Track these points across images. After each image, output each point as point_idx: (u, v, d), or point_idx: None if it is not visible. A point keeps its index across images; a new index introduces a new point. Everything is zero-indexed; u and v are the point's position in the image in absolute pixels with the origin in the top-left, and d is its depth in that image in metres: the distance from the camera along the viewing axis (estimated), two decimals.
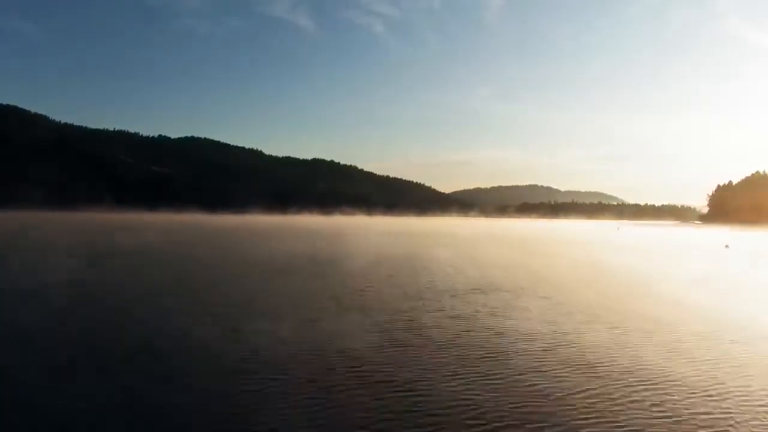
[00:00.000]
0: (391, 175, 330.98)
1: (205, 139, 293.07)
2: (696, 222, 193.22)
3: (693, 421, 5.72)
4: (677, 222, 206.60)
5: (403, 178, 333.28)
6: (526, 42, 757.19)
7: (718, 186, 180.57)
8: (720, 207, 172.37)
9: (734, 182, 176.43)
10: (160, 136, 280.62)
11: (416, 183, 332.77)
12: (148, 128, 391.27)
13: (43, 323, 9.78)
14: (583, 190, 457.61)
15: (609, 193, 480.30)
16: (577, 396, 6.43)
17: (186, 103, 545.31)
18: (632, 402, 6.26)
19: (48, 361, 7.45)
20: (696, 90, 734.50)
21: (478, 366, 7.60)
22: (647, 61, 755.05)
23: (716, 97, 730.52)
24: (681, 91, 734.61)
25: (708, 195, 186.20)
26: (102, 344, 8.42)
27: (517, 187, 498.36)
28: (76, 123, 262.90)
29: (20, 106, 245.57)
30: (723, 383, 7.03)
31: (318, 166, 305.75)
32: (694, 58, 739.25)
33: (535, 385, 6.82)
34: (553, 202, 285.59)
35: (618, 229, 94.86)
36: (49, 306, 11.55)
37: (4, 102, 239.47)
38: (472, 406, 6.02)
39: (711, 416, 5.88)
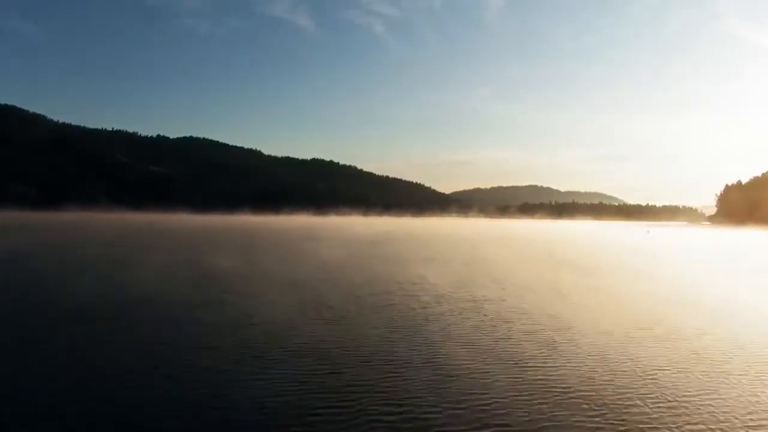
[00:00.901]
0: (391, 175, 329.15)
1: (204, 139, 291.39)
2: (704, 222, 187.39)
3: None
4: (685, 223, 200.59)
5: (403, 179, 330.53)
6: (526, 42, 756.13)
7: (726, 186, 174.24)
8: (729, 207, 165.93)
9: (743, 182, 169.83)
10: (158, 136, 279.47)
11: (416, 183, 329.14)
12: (146, 128, 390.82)
13: None
14: (583, 190, 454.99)
15: (609, 193, 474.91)
16: None
17: (185, 103, 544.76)
18: None
19: None
20: (696, 90, 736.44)
21: None
22: (647, 61, 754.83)
23: (716, 97, 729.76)
24: (681, 91, 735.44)
25: (716, 195, 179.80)
26: None
27: (516, 187, 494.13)
28: (74, 123, 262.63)
29: (19, 105, 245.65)
30: None
31: (317, 166, 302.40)
32: (694, 58, 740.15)
33: None
34: (554, 203, 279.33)
35: (648, 232, 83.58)
36: None
37: (3, 102, 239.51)
38: None
39: None
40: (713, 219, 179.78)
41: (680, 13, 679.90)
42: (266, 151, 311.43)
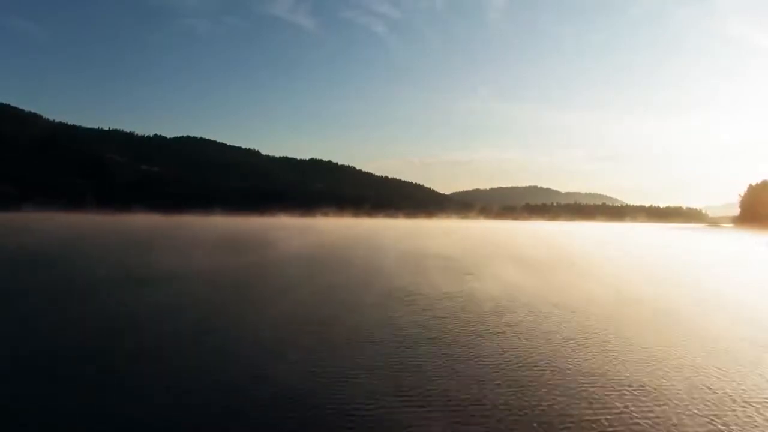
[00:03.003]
0: (390, 175, 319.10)
1: (201, 138, 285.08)
2: (726, 225, 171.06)
3: None
4: (704, 225, 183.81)
5: (402, 179, 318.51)
6: (527, 42, 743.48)
7: (750, 186, 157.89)
8: (759, 208, 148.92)
9: None
10: (155, 135, 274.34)
11: (415, 183, 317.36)
12: (143, 128, 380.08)
13: None
14: (583, 191, 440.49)
15: (609, 194, 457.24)
16: None
17: (183, 103, 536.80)
18: None
19: None
20: (696, 90, 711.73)
21: None
22: (647, 61, 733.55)
23: (716, 97, 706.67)
24: (681, 91, 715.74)
25: (740, 195, 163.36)
26: None
27: (517, 188, 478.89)
28: (71, 122, 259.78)
29: (15, 105, 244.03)
30: None
31: (316, 166, 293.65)
32: (694, 58, 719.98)
33: None
34: (555, 203, 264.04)
35: None
36: None
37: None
38: None
39: None
40: (738, 221, 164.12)
41: (680, 13, 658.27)
42: (264, 152, 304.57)
